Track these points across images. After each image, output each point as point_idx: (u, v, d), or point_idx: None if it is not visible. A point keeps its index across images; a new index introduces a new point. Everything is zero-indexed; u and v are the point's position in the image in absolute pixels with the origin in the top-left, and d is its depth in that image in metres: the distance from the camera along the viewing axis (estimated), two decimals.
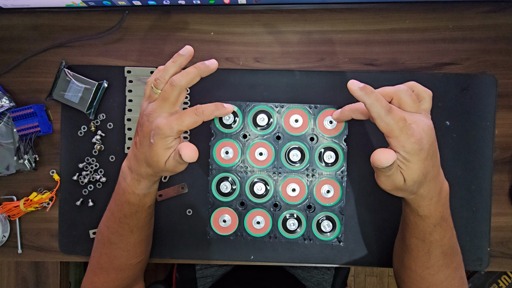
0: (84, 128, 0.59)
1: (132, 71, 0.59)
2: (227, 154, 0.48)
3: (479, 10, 0.58)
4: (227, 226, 0.49)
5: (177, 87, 0.41)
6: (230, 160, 0.48)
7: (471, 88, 0.57)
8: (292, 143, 0.47)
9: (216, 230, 0.49)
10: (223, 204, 0.49)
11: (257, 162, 0.48)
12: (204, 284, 0.77)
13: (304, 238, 0.48)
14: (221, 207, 0.49)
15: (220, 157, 0.49)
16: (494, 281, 1.28)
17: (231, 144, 0.48)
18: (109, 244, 0.50)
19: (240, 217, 0.48)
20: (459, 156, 0.57)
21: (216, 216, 0.49)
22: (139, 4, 0.58)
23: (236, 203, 0.48)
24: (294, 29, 0.59)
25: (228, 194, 0.48)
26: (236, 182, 0.48)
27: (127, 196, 0.46)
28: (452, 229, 0.44)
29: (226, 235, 0.49)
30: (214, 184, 0.50)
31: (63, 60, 0.59)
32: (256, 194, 0.48)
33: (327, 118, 0.47)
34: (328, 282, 0.78)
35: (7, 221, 0.60)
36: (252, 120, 0.48)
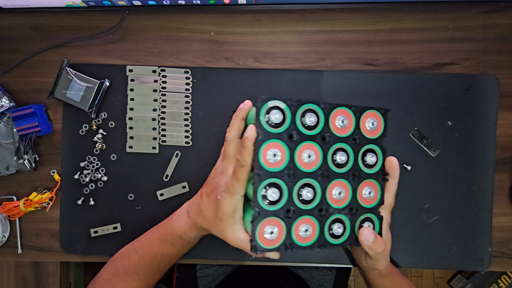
0: (86, 127, 0.59)
1: (134, 69, 0.59)
2: (275, 157, 0.41)
3: (479, 10, 0.58)
4: (273, 239, 0.41)
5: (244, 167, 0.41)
6: (278, 164, 0.41)
7: (473, 88, 0.57)
8: (338, 145, 0.45)
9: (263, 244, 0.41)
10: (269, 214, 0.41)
11: (304, 165, 0.42)
12: (205, 283, 0.77)
13: (350, 243, 0.46)
14: (268, 217, 0.41)
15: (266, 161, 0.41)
16: (494, 281, 1.28)
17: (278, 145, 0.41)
18: (133, 273, 0.49)
19: (288, 227, 0.42)
20: (461, 156, 0.57)
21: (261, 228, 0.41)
22: (139, 4, 0.58)
23: (283, 211, 0.42)
24: (294, 29, 0.59)
25: (275, 202, 0.41)
26: (284, 188, 0.42)
27: (173, 237, 0.48)
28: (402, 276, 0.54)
29: (273, 248, 0.41)
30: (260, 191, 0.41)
31: (64, 58, 0.59)
32: (304, 201, 0.43)
33: (369, 120, 0.45)
34: (329, 283, 0.78)
35: (7, 221, 0.60)
36: (300, 119, 0.42)
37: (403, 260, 0.58)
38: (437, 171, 0.57)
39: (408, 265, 0.57)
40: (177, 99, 0.59)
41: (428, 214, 0.57)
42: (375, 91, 0.58)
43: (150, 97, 0.59)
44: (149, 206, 0.59)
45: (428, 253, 0.57)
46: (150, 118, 0.59)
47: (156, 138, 0.59)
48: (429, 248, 0.57)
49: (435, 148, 0.57)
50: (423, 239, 0.57)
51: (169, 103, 0.59)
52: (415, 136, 0.57)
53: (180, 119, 0.59)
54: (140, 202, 0.59)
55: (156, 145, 0.59)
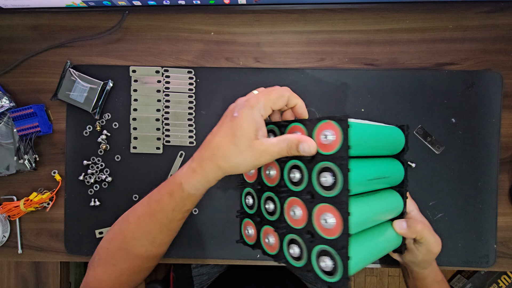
0: (90, 128, 0.59)
1: (137, 70, 0.59)
2: (250, 171, 0.48)
3: (479, 10, 0.59)
4: (251, 237, 0.49)
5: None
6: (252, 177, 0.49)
7: (477, 85, 0.57)
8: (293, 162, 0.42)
9: (246, 239, 0.49)
10: (247, 216, 0.49)
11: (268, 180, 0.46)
12: (201, 282, 0.78)
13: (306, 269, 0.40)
14: (247, 219, 0.49)
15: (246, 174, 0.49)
16: (494, 281, 1.28)
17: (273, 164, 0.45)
18: (132, 238, 0.45)
19: (257, 231, 0.47)
20: (465, 153, 0.57)
21: (244, 225, 0.49)
22: (139, 4, 0.58)
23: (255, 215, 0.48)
24: (294, 29, 0.59)
25: (251, 207, 0.48)
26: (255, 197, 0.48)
27: (172, 186, 0.43)
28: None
29: (250, 244, 0.49)
30: (243, 196, 0.49)
31: (68, 60, 0.59)
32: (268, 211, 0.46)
33: (323, 132, 0.38)
34: None
35: (7, 221, 0.60)
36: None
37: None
38: (441, 168, 0.57)
39: None
40: (180, 99, 0.59)
41: (433, 211, 0.57)
42: (378, 89, 0.58)
43: (154, 97, 0.59)
44: None
45: None
46: (154, 118, 0.59)
47: (160, 138, 0.59)
48: None
49: (439, 145, 0.57)
50: None
51: (173, 103, 0.59)
52: (419, 134, 0.58)
53: (183, 119, 0.59)
54: None
55: (160, 146, 0.59)
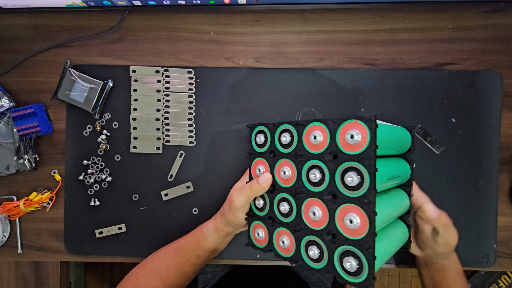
0: (90, 128, 0.59)
1: (137, 70, 0.59)
2: (259, 172, 0.49)
3: (479, 10, 0.59)
4: (261, 239, 0.49)
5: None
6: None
7: (476, 85, 0.57)
8: (312, 162, 0.42)
9: (254, 241, 0.50)
10: (258, 218, 0.49)
11: (282, 181, 0.46)
12: (205, 280, 0.77)
13: (327, 271, 0.40)
14: (257, 221, 0.49)
15: (255, 175, 0.49)
16: (494, 281, 1.28)
17: (263, 162, 0.49)
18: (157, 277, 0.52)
19: (270, 233, 0.48)
20: (465, 153, 0.57)
21: (253, 228, 0.50)
22: (139, 4, 0.58)
23: (267, 217, 0.48)
24: (294, 29, 0.59)
25: (261, 209, 0.49)
26: (267, 199, 0.48)
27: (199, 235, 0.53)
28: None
29: (261, 247, 0.49)
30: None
31: (68, 60, 0.59)
32: (282, 213, 0.46)
33: (349, 132, 0.38)
34: (329, 279, 0.78)
35: (7, 221, 0.60)
36: (278, 139, 0.46)
37: (409, 258, 0.58)
38: (441, 168, 0.57)
39: (414, 263, 0.57)
40: (180, 99, 0.59)
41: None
42: (378, 88, 0.58)
43: (154, 97, 0.59)
44: (154, 206, 0.59)
45: None
46: (154, 118, 0.59)
47: (160, 138, 0.59)
48: None
49: (439, 145, 0.57)
50: None
51: (173, 103, 0.59)
52: (419, 134, 0.58)
53: (183, 119, 0.59)
54: (145, 203, 0.59)
55: (160, 145, 0.59)
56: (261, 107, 0.58)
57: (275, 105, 0.58)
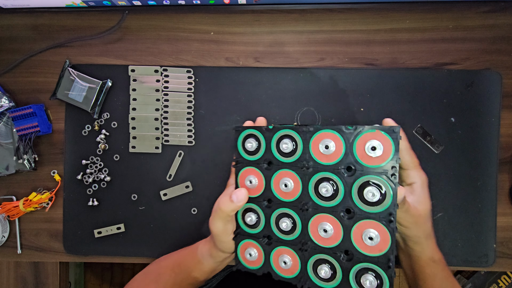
0: (88, 127, 0.59)
1: (136, 69, 0.59)
2: (251, 184, 0.42)
3: (479, 10, 0.58)
4: (253, 260, 0.43)
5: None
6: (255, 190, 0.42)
7: (476, 85, 0.57)
8: (323, 174, 0.38)
9: (244, 262, 0.44)
10: (249, 236, 0.43)
11: (282, 194, 0.41)
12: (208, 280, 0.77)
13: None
14: (248, 240, 0.43)
15: (245, 187, 0.43)
16: (494, 281, 1.28)
17: (255, 172, 0.42)
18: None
19: (266, 253, 0.42)
20: (465, 153, 0.57)
21: (242, 247, 0.44)
22: (139, 4, 0.58)
23: (261, 235, 0.42)
24: (294, 29, 0.59)
25: (253, 226, 0.43)
26: (261, 214, 0.42)
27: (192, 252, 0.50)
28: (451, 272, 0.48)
29: (254, 269, 0.43)
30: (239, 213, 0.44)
31: (66, 59, 0.59)
32: (282, 230, 0.41)
33: (369, 143, 0.35)
34: None
35: (7, 221, 0.60)
36: (276, 146, 0.41)
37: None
38: (441, 168, 0.57)
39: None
40: (179, 98, 0.59)
41: (433, 211, 0.57)
42: (377, 88, 0.58)
43: (153, 97, 0.59)
44: (153, 206, 0.59)
45: None
46: (153, 118, 0.59)
47: (159, 138, 0.59)
48: None
49: (439, 144, 0.57)
50: None
51: (172, 103, 0.59)
52: (418, 133, 0.58)
53: (182, 118, 0.59)
54: (144, 202, 0.59)
55: (159, 145, 0.59)
56: (261, 106, 0.58)
57: (274, 105, 0.58)
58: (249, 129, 0.43)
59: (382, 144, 0.35)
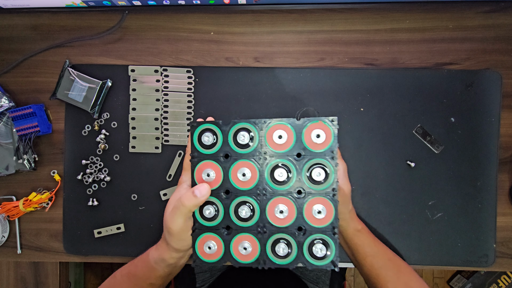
0: (88, 127, 0.59)
1: (136, 69, 0.59)
2: (209, 177, 0.44)
3: (479, 10, 0.58)
4: (213, 253, 0.44)
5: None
6: (213, 183, 0.44)
7: (476, 85, 0.57)
8: (278, 161, 0.43)
9: (202, 257, 0.45)
10: (208, 229, 0.45)
11: (240, 184, 0.44)
12: (203, 279, 0.77)
13: (296, 263, 0.43)
14: (206, 233, 0.45)
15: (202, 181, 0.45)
16: (494, 281, 1.28)
17: (212, 165, 0.45)
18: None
19: (225, 243, 0.44)
20: (465, 153, 0.57)
21: (201, 242, 0.45)
22: (139, 4, 0.58)
23: (220, 227, 0.44)
24: (294, 29, 0.59)
25: (212, 218, 0.44)
26: (220, 205, 0.44)
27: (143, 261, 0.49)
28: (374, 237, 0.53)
29: (213, 262, 0.45)
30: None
31: (66, 59, 0.59)
32: (241, 218, 0.44)
33: (314, 132, 0.42)
34: (326, 276, 0.78)
35: (7, 221, 0.60)
36: (233, 139, 0.44)
37: (408, 257, 0.58)
38: (440, 168, 0.57)
39: (413, 262, 0.57)
40: (179, 98, 0.59)
41: (432, 211, 0.57)
42: (377, 88, 0.58)
43: (153, 97, 0.59)
44: (153, 206, 0.59)
45: (432, 250, 0.57)
46: (153, 118, 0.59)
47: (159, 137, 0.59)
48: (434, 245, 0.57)
49: (439, 144, 0.57)
50: (428, 236, 0.57)
51: (172, 103, 0.59)
52: (418, 133, 0.58)
53: (182, 118, 0.59)
54: (144, 202, 0.59)
55: (159, 145, 0.59)
56: (260, 106, 0.58)
57: (274, 105, 0.58)
58: (205, 123, 0.45)
59: (324, 132, 0.42)
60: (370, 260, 0.50)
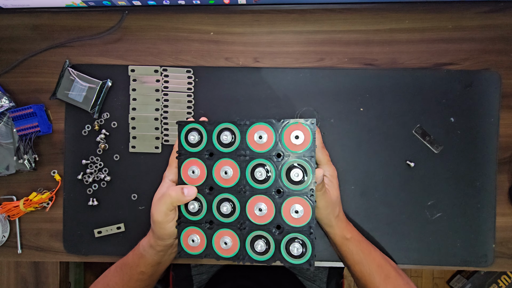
0: (88, 127, 0.59)
1: (136, 69, 0.59)
2: (194, 174, 0.47)
3: (479, 10, 0.59)
4: (196, 246, 0.47)
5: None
6: (198, 180, 0.47)
7: (475, 85, 0.57)
8: (257, 161, 0.45)
9: (186, 249, 0.47)
10: (192, 223, 0.47)
11: (222, 181, 0.46)
12: (200, 281, 0.78)
13: (274, 260, 0.45)
14: (191, 227, 0.47)
15: (187, 177, 0.47)
16: (494, 281, 1.28)
17: (197, 163, 0.47)
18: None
19: (208, 237, 0.47)
20: (464, 153, 0.57)
21: (185, 235, 0.47)
22: (139, 4, 0.58)
23: (204, 221, 0.47)
24: (294, 29, 0.59)
25: (196, 213, 0.47)
26: (203, 200, 0.47)
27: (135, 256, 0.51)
28: (369, 243, 0.53)
29: (196, 254, 0.47)
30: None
31: (66, 59, 0.59)
32: (222, 214, 0.46)
33: (293, 133, 0.44)
34: (324, 273, 0.78)
35: (7, 221, 0.60)
36: (216, 138, 0.46)
37: (407, 257, 0.58)
38: (440, 168, 0.57)
39: (412, 262, 0.57)
40: (179, 98, 0.59)
41: (432, 211, 0.57)
42: (376, 88, 0.58)
43: (152, 96, 0.59)
44: None
45: (431, 250, 0.57)
46: (153, 117, 0.59)
47: (159, 137, 0.59)
48: (433, 245, 0.57)
49: (438, 144, 0.57)
50: (427, 236, 0.57)
51: (172, 103, 0.59)
52: (418, 133, 0.58)
53: (182, 118, 0.59)
54: (144, 202, 0.59)
55: (159, 145, 0.59)
56: (260, 106, 0.58)
57: (273, 105, 0.58)
58: (192, 123, 0.47)
59: (303, 133, 0.43)
60: (359, 267, 0.51)
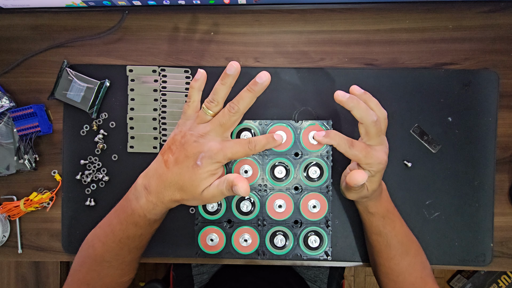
0: (87, 127, 0.59)
1: (134, 69, 0.59)
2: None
3: (479, 10, 0.58)
4: (215, 245, 0.49)
5: (237, 113, 0.42)
6: None
7: (473, 84, 0.57)
8: (277, 159, 0.47)
9: (204, 248, 0.49)
10: (210, 223, 0.49)
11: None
12: (201, 281, 0.78)
13: (293, 253, 0.48)
14: (209, 226, 0.49)
15: None
16: (494, 281, 1.28)
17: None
18: (102, 261, 0.47)
19: (227, 235, 0.48)
20: (462, 152, 0.57)
21: (203, 235, 0.49)
22: (139, 4, 0.58)
23: (223, 221, 0.49)
24: (294, 29, 0.59)
25: (214, 212, 0.48)
26: (222, 200, 0.48)
27: (136, 218, 0.44)
28: (400, 219, 0.52)
29: (214, 253, 0.49)
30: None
31: (64, 59, 0.59)
32: (242, 212, 0.48)
33: (311, 134, 0.47)
34: (324, 274, 0.78)
35: (7, 221, 0.60)
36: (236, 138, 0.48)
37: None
38: (438, 167, 0.57)
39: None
40: (177, 98, 0.59)
41: (430, 210, 0.57)
42: (375, 88, 0.58)
43: (151, 96, 0.59)
44: None
45: (430, 250, 0.57)
46: (151, 117, 0.59)
47: (157, 137, 0.59)
48: (431, 244, 0.57)
49: (436, 144, 0.57)
50: (425, 235, 0.57)
51: (170, 103, 0.59)
52: (416, 133, 0.58)
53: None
54: None
55: (157, 145, 0.59)
56: (259, 106, 0.58)
57: (273, 104, 0.58)
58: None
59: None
60: (376, 237, 0.50)
